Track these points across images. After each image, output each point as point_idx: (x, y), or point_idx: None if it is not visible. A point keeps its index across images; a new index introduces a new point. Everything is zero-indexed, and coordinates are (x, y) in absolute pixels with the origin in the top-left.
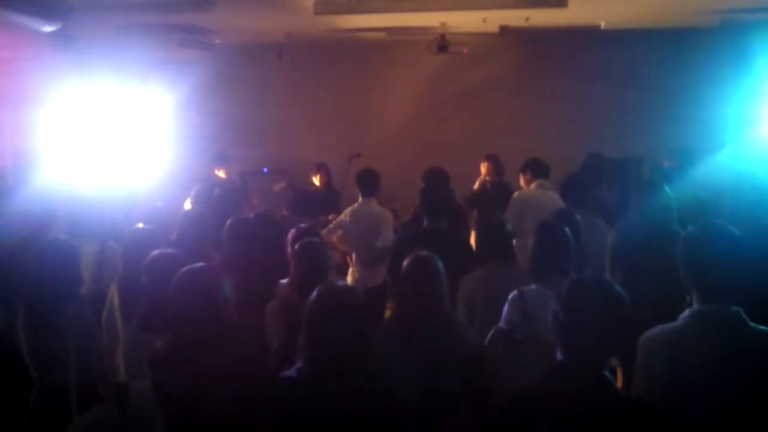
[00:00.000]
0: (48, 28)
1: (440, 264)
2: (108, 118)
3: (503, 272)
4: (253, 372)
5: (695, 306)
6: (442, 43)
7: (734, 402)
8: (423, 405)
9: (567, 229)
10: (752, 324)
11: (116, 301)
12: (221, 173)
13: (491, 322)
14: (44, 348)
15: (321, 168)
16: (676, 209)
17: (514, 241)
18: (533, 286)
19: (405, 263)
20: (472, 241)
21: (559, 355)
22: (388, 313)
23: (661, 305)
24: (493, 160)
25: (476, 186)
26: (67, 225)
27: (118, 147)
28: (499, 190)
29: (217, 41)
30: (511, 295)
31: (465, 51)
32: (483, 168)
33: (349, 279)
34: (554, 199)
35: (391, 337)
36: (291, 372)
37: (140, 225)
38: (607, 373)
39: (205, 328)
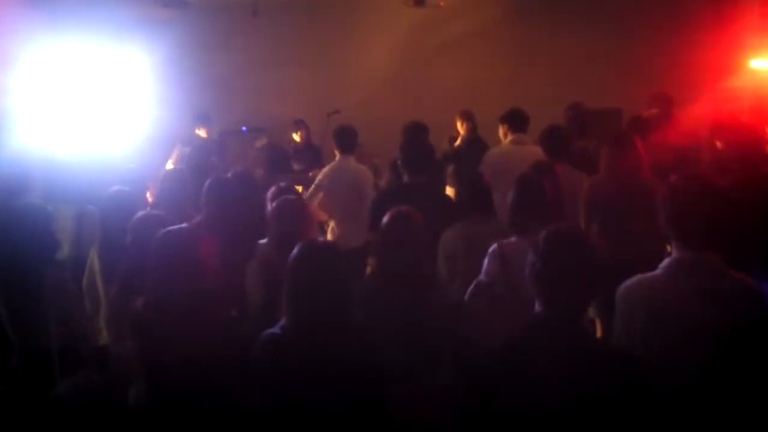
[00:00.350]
0: None
1: (421, 219)
2: (83, 78)
3: (483, 226)
4: (233, 333)
5: (675, 254)
6: None
7: (713, 348)
8: (404, 361)
9: (545, 182)
10: (730, 271)
11: (96, 265)
12: (202, 132)
13: (472, 276)
14: (24, 314)
15: (300, 124)
16: (651, 159)
17: None
18: (513, 239)
19: (385, 218)
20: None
21: (537, 307)
22: (368, 270)
23: (638, 256)
24: (467, 115)
25: (458, 143)
26: (43, 189)
27: (93, 108)
28: (473, 146)
29: None
30: (491, 249)
31: (441, 4)
32: (459, 124)
33: (329, 237)
34: (529, 153)
35: (372, 294)
36: (275, 329)
37: (116, 188)
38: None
39: (185, 290)
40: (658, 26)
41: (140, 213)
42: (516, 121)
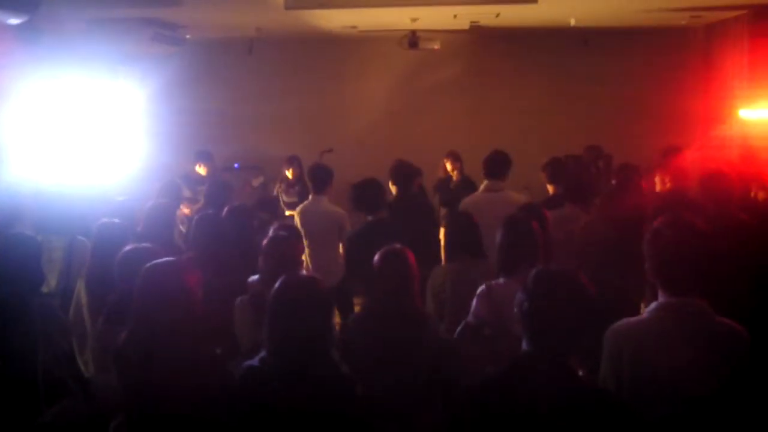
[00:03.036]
0: (15, 21)
1: (412, 257)
2: (76, 112)
3: (472, 267)
4: (215, 368)
5: (661, 299)
6: (413, 39)
7: (699, 392)
8: (393, 399)
9: (534, 223)
10: (717, 317)
11: (84, 296)
12: (201, 170)
13: (459, 316)
14: (8, 344)
15: (293, 161)
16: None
17: None
18: (501, 280)
19: (377, 257)
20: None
21: (524, 345)
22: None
23: (626, 298)
24: (456, 156)
25: (453, 183)
26: (35, 220)
27: (86, 141)
28: (466, 186)
29: (188, 36)
30: (479, 290)
31: (436, 47)
32: (448, 164)
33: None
34: (501, 200)
35: (362, 331)
36: (253, 361)
37: (105, 220)
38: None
39: (167, 323)
40: (647, 74)
41: (129, 245)
42: (490, 167)
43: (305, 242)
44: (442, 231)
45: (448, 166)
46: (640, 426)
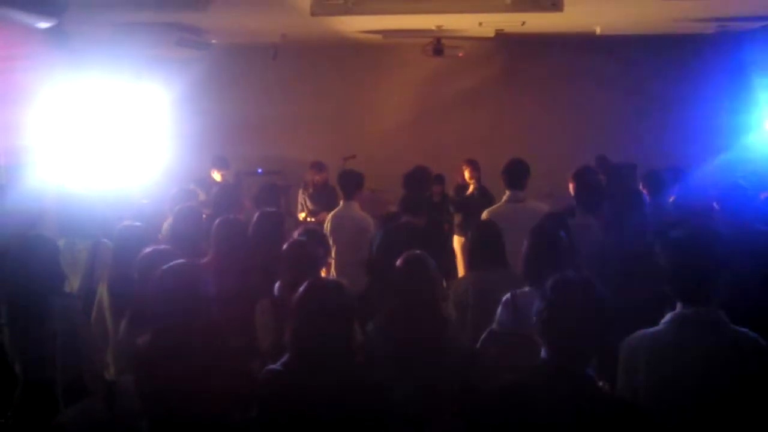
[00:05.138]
0: (43, 25)
1: (434, 263)
2: (102, 115)
3: (496, 275)
4: (235, 370)
5: (678, 309)
6: (438, 46)
7: (716, 402)
8: (413, 404)
9: (560, 233)
10: (733, 326)
11: (105, 299)
12: (217, 176)
13: (483, 325)
14: (30, 345)
15: (320, 166)
16: (659, 217)
17: None
18: (526, 289)
19: (399, 262)
20: (456, 243)
21: (543, 354)
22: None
23: (641, 314)
24: (474, 164)
25: (470, 191)
26: (59, 223)
27: (111, 145)
28: (482, 196)
29: (213, 41)
30: (503, 298)
31: (460, 54)
32: (466, 172)
33: None
34: (525, 211)
35: (383, 336)
36: (276, 365)
37: (126, 223)
38: (590, 371)
39: (184, 325)
40: (673, 83)
41: (148, 248)
42: (511, 177)
43: (333, 248)
44: (456, 239)
45: (466, 174)
46: None
